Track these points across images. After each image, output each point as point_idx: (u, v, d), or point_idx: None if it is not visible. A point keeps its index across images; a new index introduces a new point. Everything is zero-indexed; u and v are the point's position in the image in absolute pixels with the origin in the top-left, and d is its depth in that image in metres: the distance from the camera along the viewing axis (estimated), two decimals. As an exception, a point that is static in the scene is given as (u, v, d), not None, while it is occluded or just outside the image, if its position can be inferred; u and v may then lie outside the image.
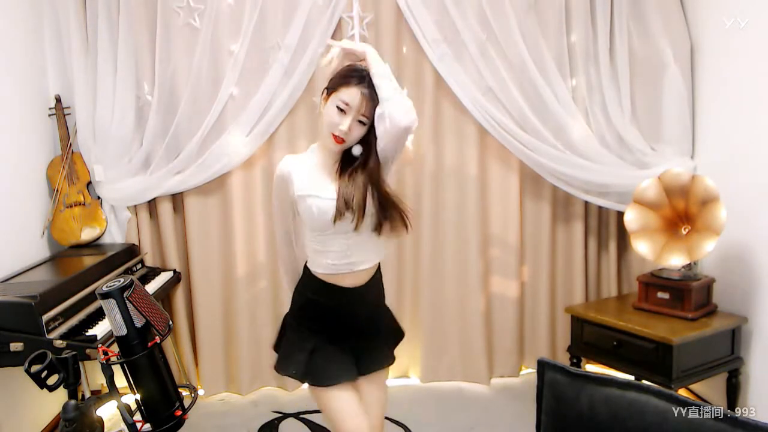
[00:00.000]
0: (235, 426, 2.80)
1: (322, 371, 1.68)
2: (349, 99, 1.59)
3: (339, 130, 1.59)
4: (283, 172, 1.71)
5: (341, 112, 1.60)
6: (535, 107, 2.92)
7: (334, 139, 1.61)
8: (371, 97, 1.59)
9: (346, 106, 1.59)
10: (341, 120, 1.59)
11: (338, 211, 1.62)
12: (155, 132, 2.88)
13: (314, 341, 1.71)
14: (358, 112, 1.60)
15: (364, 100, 1.59)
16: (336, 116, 1.60)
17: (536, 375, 1.39)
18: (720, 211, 2.35)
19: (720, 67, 2.69)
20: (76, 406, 1.24)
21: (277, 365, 1.78)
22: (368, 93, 1.59)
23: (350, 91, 1.59)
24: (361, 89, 1.59)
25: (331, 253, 1.67)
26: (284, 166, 1.72)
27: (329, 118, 1.61)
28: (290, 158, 1.75)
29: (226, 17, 2.84)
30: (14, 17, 2.69)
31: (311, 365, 1.68)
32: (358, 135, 1.62)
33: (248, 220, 3.03)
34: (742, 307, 2.54)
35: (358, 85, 1.59)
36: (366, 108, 1.59)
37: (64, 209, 2.86)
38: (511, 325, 3.16)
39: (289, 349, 1.76)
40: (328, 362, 1.69)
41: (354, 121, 1.60)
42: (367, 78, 1.61)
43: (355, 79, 1.61)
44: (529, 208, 3.14)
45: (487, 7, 2.84)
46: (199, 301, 3.04)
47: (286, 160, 1.74)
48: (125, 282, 1.24)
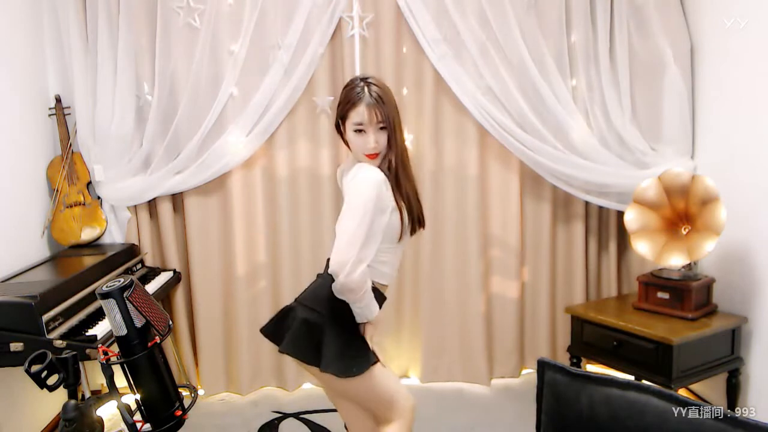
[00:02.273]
0: (235, 426, 2.80)
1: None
2: (360, 119, 1.67)
3: (368, 150, 1.68)
4: (382, 178, 1.67)
5: (361, 133, 1.69)
6: (535, 107, 2.92)
7: (369, 158, 1.70)
8: (377, 102, 1.66)
9: (362, 126, 1.68)
10: (365, 140, 1.68)
11: (420, 220, 1.79)
12: (155, 132, 2.88)
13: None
14: (374, 124, 1.67)
15: (373, 110, 1.66)
16: (359, 140, 1.69)
17: (536, 375, 1.39)
18: (720, 211, 2.35)
19: (720, 67, 2.69)
20: (76, 406, 1.25)
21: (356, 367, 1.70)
22: (373, 101, 1.66)
23: (358, 111, 1.67)
24: (366, 103, 1.66)
25: (393, 263, 1.79)
26: (380, 173, 1.67)
27: (354, 145, 1.72)
28: (377, 170, 1.70)
29: (226, 17, 2.84)
30: (14, 17, 2.69)
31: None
32: (385, 140, 1.70)
33: (248, 220, 3.03)
34: (742, 307, 2.54)
35: (361, 102, 1.67)
36: (378, 115, 1.67)
37: (64, 209, 2.86)
38: (512, 326, 3.16)
39: (362, 347, 1.74)
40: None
41: (375, 132, 1.68)
42: (365, 87, 1.68)
43: (357, 97, 1.68)
44: (529, 208, 3.14)
45: (487, 7, 2.84)
46: (199, 301, 3.04)
47: (378, 169, 1.69)
48: (125, 282, 1.24)
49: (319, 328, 1.70)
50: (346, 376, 1.67)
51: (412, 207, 1.74)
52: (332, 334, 1.69)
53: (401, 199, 1.71)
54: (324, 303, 1.72)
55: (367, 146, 1.68)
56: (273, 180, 3.01)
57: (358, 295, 1.62)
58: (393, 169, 1.71)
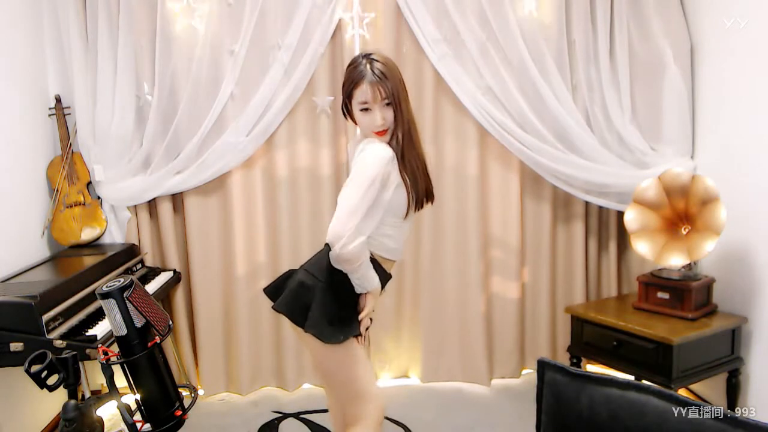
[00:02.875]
0: (235, 426, 2.80)
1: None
2: (364, 97, 1.68)
3: (376, 127, 1.70)
4: (391, 155, 1.69)
5: (367, 112, 1.70)
6: (535, 107, 2.91)
7: (378, 135, 1.72)
8: (380, 79, 1.67)
9: (367, 104, 1.69)
10: (372, 118, 1.70)
11: (428, 195, 1.79)
12: (155, 132, 2.88)
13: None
14: (379, 101, 1.69)
15: (376, 88, 1.67)
16: (366, 118, 1.71)
17: (536, 375, 1.39)
18: (720, 211, 2.35)
19: (720, 67, 2.69)
20: (76, 406, 1.25)
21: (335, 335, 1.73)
22: (376, 79, 1.67)
23: (362, 89, 1.68)
24: (369, 81, 1.67)
25: (398, 239, 1.80)
26: (389, 150, 1.69)
27: (362, 124, 1.74)
28: (385, 145, 1.72)
29: (226, 17, 2.84)
30: (14, 17, 2.69)
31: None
32: (392, 115, 1.71)
33: (248, 220, 3.03)
34: (742, 307, 2.54)
35: (364, 80, 1.68)
36: (382, 92, 1.68)
37: (64, 209, 2.86)
38: (512, 326, 3.16)
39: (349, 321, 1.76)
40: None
41: (381, 109, 1.69)
42: (368, 64, 1.69)
43: (359, 75, 1.68)
44: (529, 208, 3.14)
45: (487, 7, 2.84)
46: (199, 301, 3.04)
47: (387, 145, 1.71)
48: (125, 282, 1.24)
49: (312, 291, 1.72)
50: (323, 340, 1.69)
51: (418, 182, 1.75)
52: (322, 300, 1.71)
53: (407, 174, 1.72)
54: (324, 271, 1.73)
55: (374, 124, 1.70)
56: (273, 180, 3.01)
57: (354, 266, 1.65)
58: (400, 143, 1.72)
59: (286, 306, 1.76)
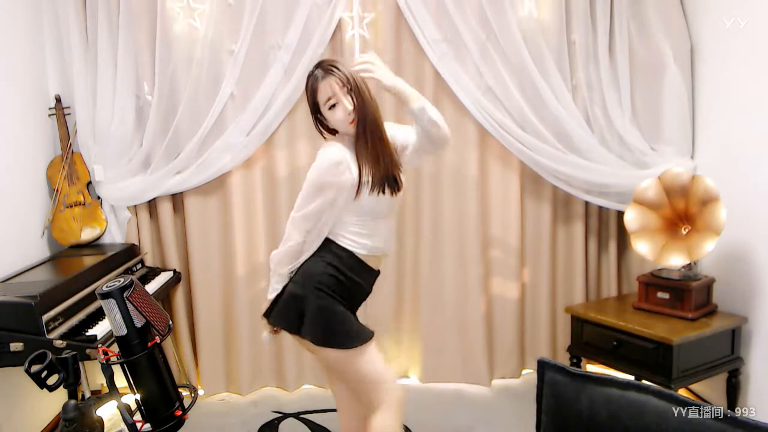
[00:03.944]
0: (235, 426, 2.80)
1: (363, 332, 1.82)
2: (327, 93, 1.76)
3: (347, 117, 1.76)
4: (341, 158, 1.75)
5: (335, 107, 1.77)
6: (535, 107, 2.91)
7: (352, 123, 1.77)
8: (330, 72, 1.75)
9: (332, 98, 1.76)
10: (342, 107, 1.76)
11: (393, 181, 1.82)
12: (155, 132, 2.88)
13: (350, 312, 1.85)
14: (341, 92, 1.75)
15: (332, 80, 1.74)
16: (338, 111, 1.77)
17: (536, 375, 1.39)
18: (720, 211, 2.35)
19: (720, 67, 2.69)
20: (76, 406, 1.25)
21: (348, 340, 1.77)
22: (327, 73, 1.75)
23: (322, 88, 1.76)
24: (322, 78, 1.76)
25: (375, 236, 1.84)
26: (339, 152, 1.77)
27: (334, 121, 1.79)
28: (339, 145, 1.79)
29: (226, 17, 2.84)
30: (14, 17, 2.69)
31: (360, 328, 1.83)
32: (358, 102, 1.76)
33: (248, 220, 3.03)
34: (742, 307, 2.54)
35: (321, 80, 1.76)
36: (339, 83, 1.75)
37: (64, 209, 2.86)
38: (512, 326, 3.16)
39: (352, 323, 1.82)
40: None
41: (346, 99, 1.75)
42: (316, 69, 1.78)
43: (313, 80, 1.78)
44: (529, 209, 3.14)
45: (487, 7, 2.84)
46: (199, 301, 3.04)
47: (337, 147, 1.78)
48: (125, 282, 1.24)
49: (302, 299, 1.78)
50: (344, 347, 1.75)
51: (380, 163, 1.78)
52: (314, 306, 1.76)
53: (369, 156, 1.76)
54: (310, 278, 1.79)
55: (346, 110, 1.75)
56: (273, 180, 3.01)
57: (271, 269, 1.83)
58: (363, 128, 1.77)
59: (280, 318, 1.84)
